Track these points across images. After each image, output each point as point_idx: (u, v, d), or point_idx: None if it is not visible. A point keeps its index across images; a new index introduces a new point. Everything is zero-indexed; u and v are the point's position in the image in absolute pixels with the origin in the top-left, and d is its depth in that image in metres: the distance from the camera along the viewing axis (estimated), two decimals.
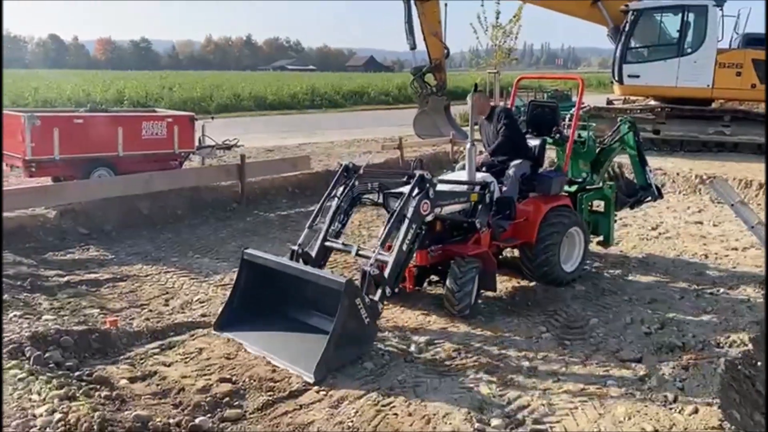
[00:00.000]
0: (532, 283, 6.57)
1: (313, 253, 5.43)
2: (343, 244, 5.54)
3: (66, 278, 6.66)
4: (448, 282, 5.60)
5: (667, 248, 8.13)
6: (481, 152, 6.82)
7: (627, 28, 15.55)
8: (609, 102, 17.50)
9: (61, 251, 7.72)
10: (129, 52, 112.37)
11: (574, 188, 7.19)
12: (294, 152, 14.74)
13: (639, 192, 7.96)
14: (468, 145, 6.13)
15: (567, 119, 7.51)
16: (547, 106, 7.53)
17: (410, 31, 17.01)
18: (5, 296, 5.65)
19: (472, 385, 4.46)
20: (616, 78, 16.04)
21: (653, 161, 13.06)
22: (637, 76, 15.57)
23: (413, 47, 17.35)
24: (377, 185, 5.72)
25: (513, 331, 5.45)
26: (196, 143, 11.29)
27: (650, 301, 6.25)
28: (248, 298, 5.32)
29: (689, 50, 15.13)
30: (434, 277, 6.19)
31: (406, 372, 4.62)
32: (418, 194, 5.20)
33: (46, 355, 4.47)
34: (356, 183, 5.65)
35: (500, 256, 6.75)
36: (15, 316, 5.19)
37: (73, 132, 9.51)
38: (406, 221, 5.12)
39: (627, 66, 15.72)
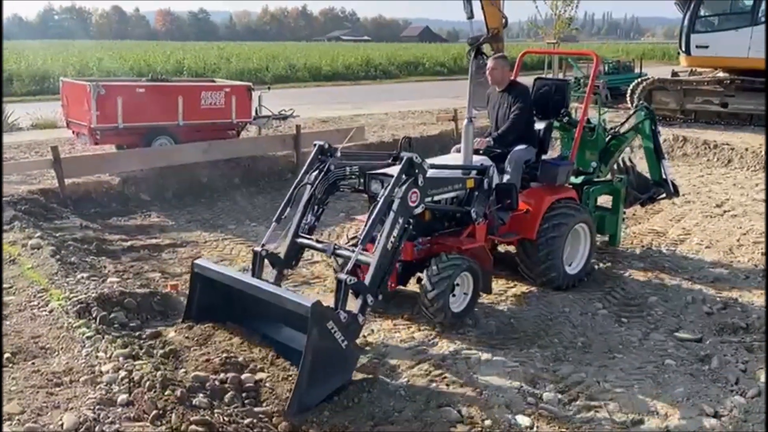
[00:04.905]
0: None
1: (282, 253, 4.67)
2: (317, 241, 4.74)
3: (129, 243, 6.91)
4: (423, 280, 4.83)
5: (732, 226, 7.82)
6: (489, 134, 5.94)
7: None
8: (674, 74, 16.82)
9: (124, 217, 8.01)
10: (188, 23, 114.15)
11: (580, 180, 6.47)
12: (348, 123, 14.75)
13: (652, 188, 7.07)
14: (465, 122, 5.38)
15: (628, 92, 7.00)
16: (555, 84, 6.60)
17: None
18: (73, 258, 5.91)
19: (524, 359, 4.44)
20: (683, 49, 15.36)
21: (720, 136, 12.61)
22: (706, 47, 14.86)
23: (470, 16, 16.92)
24: (356, 169, 4.85)
25: (568, 307, 5.38)
26: (253, 113, 11.42)
27: (713, 281, 6.05)
28: (207, 313, 4.56)
29: (763, 19, 14.33)
30: (421, 275, 5.01)
31: (457, 344, 4.63)
32: (405, 182, 4.36)
33: (111, 315, 4.67)
34: (332, 167, 4.75)
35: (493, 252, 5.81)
36: (82, 277, 5.41)
37: (135, 101, 9.73)
38: (392, 214, 4.25)
39: (695, 36, 15.01)
